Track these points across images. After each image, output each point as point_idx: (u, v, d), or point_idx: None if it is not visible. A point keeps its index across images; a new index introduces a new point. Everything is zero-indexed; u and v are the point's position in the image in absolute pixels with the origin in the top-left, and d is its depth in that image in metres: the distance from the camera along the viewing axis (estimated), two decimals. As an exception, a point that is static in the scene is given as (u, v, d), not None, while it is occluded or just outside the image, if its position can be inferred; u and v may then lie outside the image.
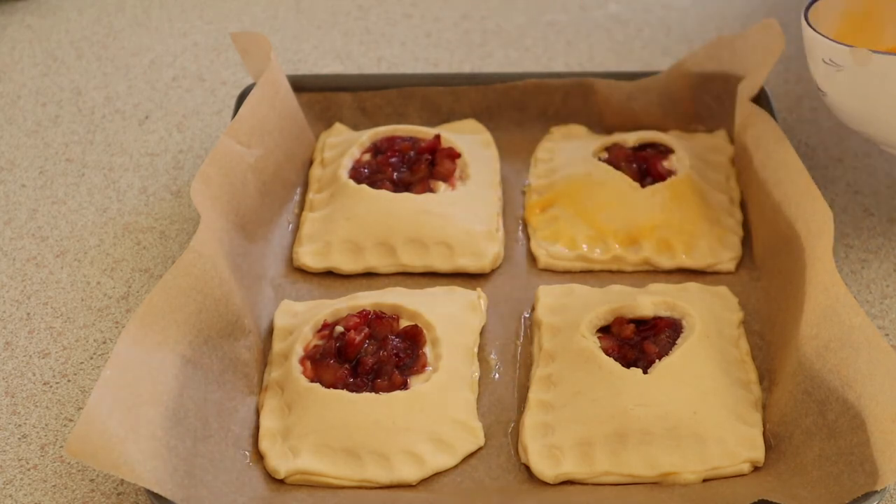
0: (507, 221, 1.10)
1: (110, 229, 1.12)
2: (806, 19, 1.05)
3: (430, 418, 0.91)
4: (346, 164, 1.11)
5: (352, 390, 0.92)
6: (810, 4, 1.06)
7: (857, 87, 1.01)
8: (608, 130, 1.17)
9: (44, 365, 1.00)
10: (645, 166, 1.10)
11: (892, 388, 0.84)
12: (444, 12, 1.39)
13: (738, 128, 1.10)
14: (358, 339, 0.94)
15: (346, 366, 0.93)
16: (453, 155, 1.11)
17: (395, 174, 1.10)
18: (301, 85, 1.18)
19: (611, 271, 1.06)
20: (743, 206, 1.10)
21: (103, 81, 1.30)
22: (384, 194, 1.07)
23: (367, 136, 1.13)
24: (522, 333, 1.00)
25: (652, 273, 1.05)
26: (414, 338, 0.96)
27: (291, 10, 1.40)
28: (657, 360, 0.93)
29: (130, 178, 1.17)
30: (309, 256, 1.06)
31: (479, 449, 0.92)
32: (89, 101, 1.27)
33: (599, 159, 1.11)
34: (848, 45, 1.00)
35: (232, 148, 1.05)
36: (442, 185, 1.09)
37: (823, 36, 1.02)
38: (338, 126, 1.18)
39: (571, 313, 0.98)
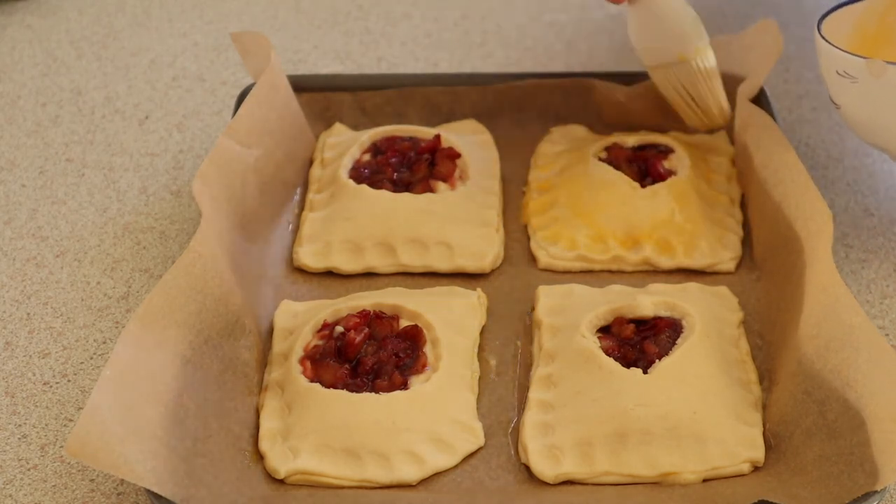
0: (507, 221, 1.10)
1: (110, 229, 1.12)
2: (819, 31, 1.04)
3: (430, 418, 0.91)
4: (346, 164, 1.11)
5: (352, 390, 0.92)
6: (823, 17, 1.06)
7: (872, 99, 1.00)
8: (608, 130, 1.17)
9: (44, 365, 1.00)
10: (645, 166, 1.10)
11: (892, 388, 0.84)
12: (444, 12, 1.39)
13: (738, 128, 1.10)
14: (358, 339, 0.94)
15: (346, 366, 0.93)
16: (453, 155, 1.11)
17: (395, 174, 1.10)
18: (301, 85, 1.18)
19: (611, 271, 1.05)
20: (743, 206, 1.10)
21: (103, 81, 1.30)
22: (384, 194, 1.07)
23: (367, 136, 1.13)
24: (522, 333, 1.00)
25: (652, 273, 1.05)
26: (414, 338, 0.96)
27: (291, 10, 1.40)
28: (657, 360, 0.93)
29: (130, 178, 1.18)
30: (309, 256, 1.06)
31: (479, 449, 0.92)
32: (89, 101, 1.27)
33: (599, 159, 1.11)
34: (863, 57, 1.00)
35: (231, 148, 1.05)
36: (442, 185, 1.09)
37: (837, 48, 1.01)
38: (338, 126, 1.18)
39: (571, 313, 0.98)
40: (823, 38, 1.03)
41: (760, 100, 1.12)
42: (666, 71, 1.11)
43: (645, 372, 0.92)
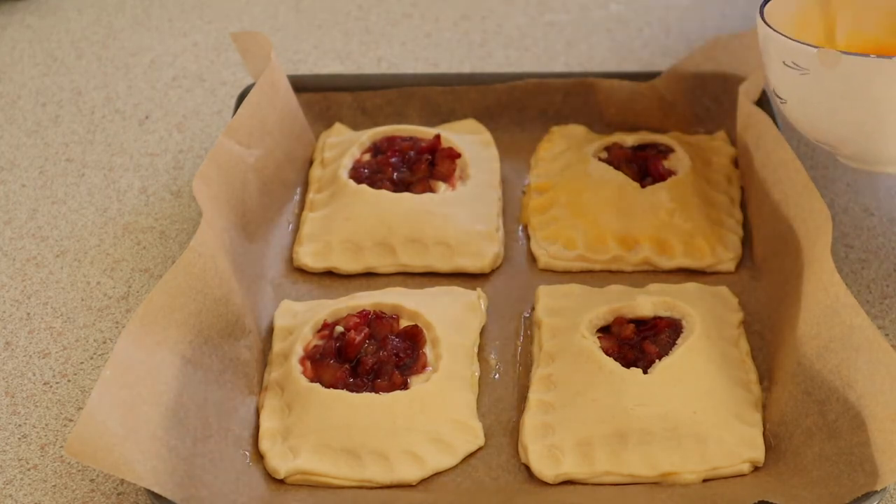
0: (507, 221, 1.10)
1: (110, 229, 1.12)
2: (762, 17, 0.96)
3: (430, 418, 0.91)
4: (346, 164, 1.11)
5: (352, 390, 0.92)
6: (765, 2, 0.98)
7: (822, 92, 0.93)
8: (608, 130, 1.17)
9: (44, 365, 1.00)
10: (645, 166, 1.10)
11: (892, 388, 0.84)
12: (444, 12, 1.39)
13: (739, 128, 1.10)
14: (358, 339, 0.94)
15: (346, 366, 0.93)
16: (453, 155, 1.11)
17: (395, 174, 1.10)
18: (301, 85, 1.18)
19: (611, 271, 1.05)
20: (743, 206, 1.10)
21: (103, 81, 1.30)
22: (384, 194, 1.07)
23: (367, 136, 1.13)
24: (522, 333, 1.00)
25: (652, 273, 1.05)
26: (414, 338, 0.96)
27: (291, 10, 1.40)
28: (657, 360, 0.93)
29: (130, 178, 1.18)
30: (309, 256, 1.06)
31: (479, 449, 0.92)
32: (89, 101, 1.27)
33: (599, 159, 1.11)
34: (814, 46, 0.92)
35: (231, 148, 1.05)
36: (442, 185, 1.09)
37: (785, 36, 0.94)
38: (338, 126, 1.18)
39: (571, 313, 0.98)
40: (767, 24, 0.95)
41: (761, 100, 1.12)
42: None
43: (645, 372, 0.92)
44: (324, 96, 1.19)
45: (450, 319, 0.98)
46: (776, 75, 0.96)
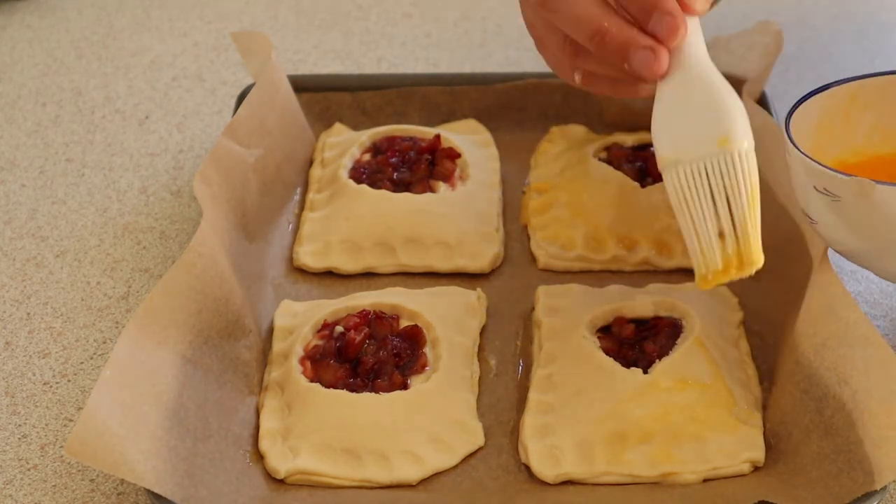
0: (507, 221, 1.10)
1: (110, 229, 1.12)
2: (789, 136, 0.92)
3: (430, 418, 0.91)
4: (346, 164, 1.11)
5: (352, 390, 0.92)
6: (790, 114, 0.93)
7: (855, 218, 0.89)
8: (608, 130, 1.17)
9: (44, 365, 1.00)
10: (645, 166, 1.10)
11: (887, 383, 0.84)
12: (444, 12, 1.39)
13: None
14: (358, 339, 0.94)
15: (346, 366, 0.93)
16: (453, 155, 1.11)
17: (395, 174, 1.10)
18: (301, 85, 1.18)
19: (610, 271, 1.05)
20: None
21: (103, 81, 1.30)
22: (384, 194, 1.07)
23: (367, 136, 1.13)
24: (522, 333, 1.00)
25: (651, 273, 1.05)
26: (414, 338, 0.96)
27: (291, 10, 1.40)
28: (657, 360, 0.93)
29: (130, 178, 1.18)
30: (309, 256, 1.06)
31: (479, 449, 0.92)
32: (89, 101, 1.27)
33: (599, 159, 1.11)
34: (848, 175, 0.87)
35: (231, 148, 1.06)
36: (442, 185, 1.09)
37: (816, 162, 0.90)
38: (338, 126, 1.18)
39: (571, 313, 0.98)
40: (795, 146, 0.91)
41: (761, 100, 1.11)
42: (689, 167, 0.88)
43: (645, 372, 0.92)
44: (324, 96, 1.19)
45: (450, 319, 0.98)
46: (805, 197, 0.92)
